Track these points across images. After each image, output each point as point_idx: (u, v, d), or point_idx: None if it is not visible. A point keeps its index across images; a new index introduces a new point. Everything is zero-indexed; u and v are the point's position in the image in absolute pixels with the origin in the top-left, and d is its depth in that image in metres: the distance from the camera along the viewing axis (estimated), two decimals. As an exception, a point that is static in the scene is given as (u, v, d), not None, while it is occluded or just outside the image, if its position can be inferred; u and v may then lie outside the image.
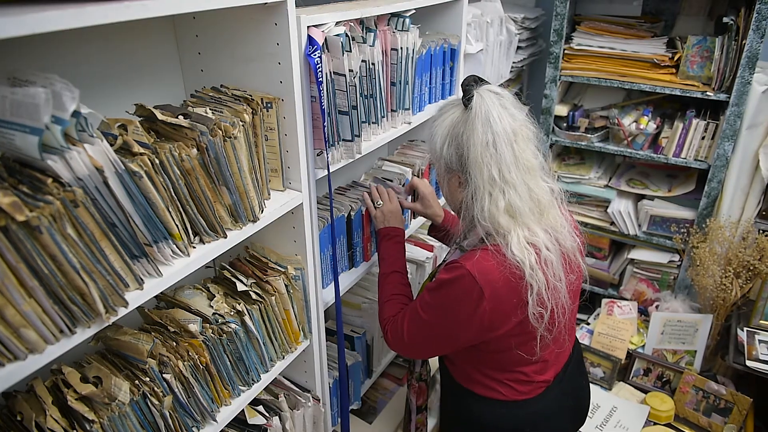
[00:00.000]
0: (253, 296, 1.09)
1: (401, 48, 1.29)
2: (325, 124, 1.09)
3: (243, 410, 1.18)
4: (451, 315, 1.04)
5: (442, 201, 1.55)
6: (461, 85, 1.06)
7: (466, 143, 1.03)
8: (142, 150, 0.78)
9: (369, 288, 1.63)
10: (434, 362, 2.06)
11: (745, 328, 1.99)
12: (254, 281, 1.13)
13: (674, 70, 2.01)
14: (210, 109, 0.93)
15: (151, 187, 0.79)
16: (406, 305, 1.19)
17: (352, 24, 1.14)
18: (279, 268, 1.16)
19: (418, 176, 1.61)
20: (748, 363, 1.85)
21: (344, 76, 1.11)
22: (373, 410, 1.87)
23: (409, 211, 1.60)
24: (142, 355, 0.89)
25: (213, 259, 1.03)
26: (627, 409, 2.02)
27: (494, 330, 1.04)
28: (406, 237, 1.36)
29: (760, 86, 1.86)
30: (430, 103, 1.57)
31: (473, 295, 1.00)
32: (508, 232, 1.01)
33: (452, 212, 1.25)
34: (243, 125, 0.94)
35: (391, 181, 1.51)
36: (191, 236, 0.91)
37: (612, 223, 2.31)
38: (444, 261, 1.25)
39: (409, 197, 1.46)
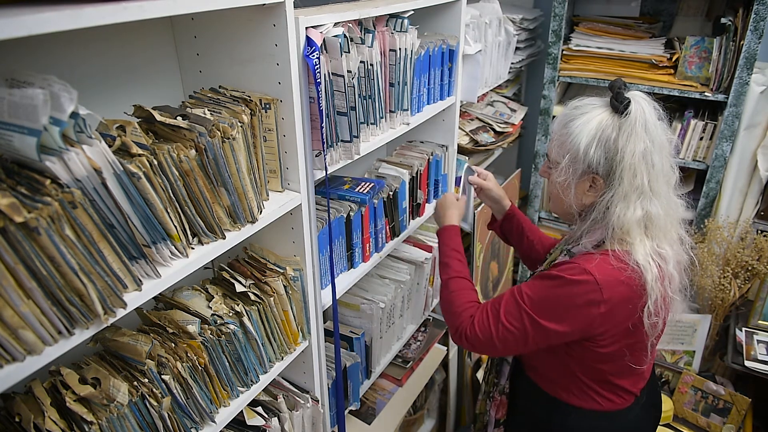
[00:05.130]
0: (252, 297, 1.09)
1: (400, 49, 1.29)
2: (324, 125, 1.10)
3: (242, 411, 1.18)
4: (562, 313, 1.03)
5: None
6: (610, 88, 1.05)
7: (621, 148, 1.00)
8: (140, 151, 0.78)
9: (368, 289, 1.63)
10: (432, 363, 2.06)
11: (743, 329, 2.00)
12: (253, 282, 1.13)
13: (672, 71, 2.02)
14: (208, 110, 0.93)
15: (150, 188, 0.79)
16: (474, 291, 1.18)
17: (350, 25, 1.14)
18: (278, 269, 1.16)
19: (417, 177, 1.61)
20: (747, 363, 1.86)
21: (343, 77, 1.11)
22: (372, 411, 1.87)
23: (408, 209, 1.60)
24: (141, 357, 0.89)
25: (211, 260, 1.03)
26: (626, 409, 2.02)
27: (597, 333, 1.04)
28: (405, 237, 1.35)
29: (758, 86, 1.87)
30: (428, 104, 1.57)
31: (591, 297, 1.00)
32: (634, 241, 1.02)
33: (558, 213, 1.20)
34: (241, 126, 0.94)
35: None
36: (190, 237, 0.91)
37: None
38: (547, 261, 1.20)
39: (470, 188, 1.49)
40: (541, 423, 1.22)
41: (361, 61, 1.17)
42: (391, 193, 1.49)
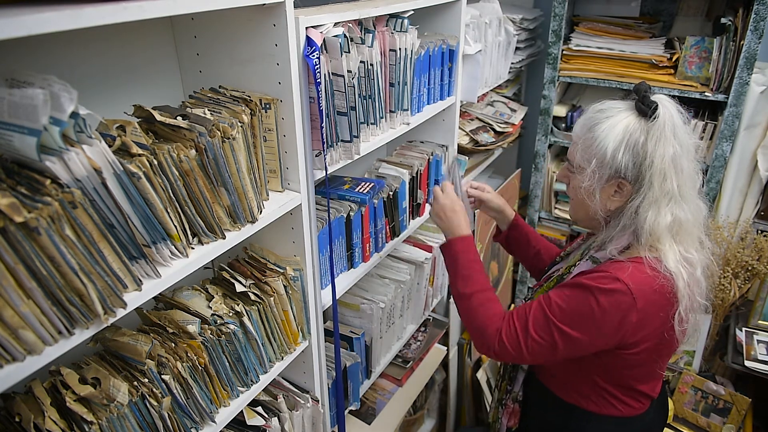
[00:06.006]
0: (252, 297, 1.09)
1: (400, 49, 1.29)
2: (324, 125, 1.10)
3: (242, 411, 1.18)
4: (595, 324, 1.00)
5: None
6: (635, 91, 1.03)
7: (650, 152, 0.99)
8: (140, 151, 0.78)
9: (368, 289, 1.63)
10: (432, 363, 2.06)
11: (743, 329, 2.00)
12: (253, 282, 1.13)
13: (672, 71, 2.02)
14: (208, 110, 0.93)
15: (150, 188, 0.79)
16: (499, 302, 1.15)
17: (350, 25, 1.14)
18: (278, 269, 1.16)
19: (417, 177, 1.61)
20: (747, 363, 1.86)
21: (343, 77, 1.11)
22: (372, 411, 1.87)
23: (408, 209, 1.60)
24: (141, 356, 0.89)
25: (212, 260, 1.03)
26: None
27: (632, 342, 1.03)
28: (405, 237, 1.33)
29: (758, 86, 1.87)
30: (428, 104, 1.57)
31: (624, 306, 0.98)
32: (664, 247, 1.01)
33: (579, 219, 1.17)
34: (241, 126, 0.94)
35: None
36: (190, 237, 0.91)
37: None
38: (568, 272, 1.17)
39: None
40: (556, 430, 1.21)
41: (361, 61, 1.17)
42: (391, 193, 1.49)
